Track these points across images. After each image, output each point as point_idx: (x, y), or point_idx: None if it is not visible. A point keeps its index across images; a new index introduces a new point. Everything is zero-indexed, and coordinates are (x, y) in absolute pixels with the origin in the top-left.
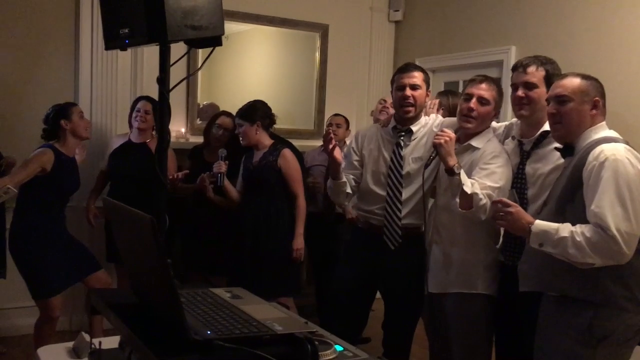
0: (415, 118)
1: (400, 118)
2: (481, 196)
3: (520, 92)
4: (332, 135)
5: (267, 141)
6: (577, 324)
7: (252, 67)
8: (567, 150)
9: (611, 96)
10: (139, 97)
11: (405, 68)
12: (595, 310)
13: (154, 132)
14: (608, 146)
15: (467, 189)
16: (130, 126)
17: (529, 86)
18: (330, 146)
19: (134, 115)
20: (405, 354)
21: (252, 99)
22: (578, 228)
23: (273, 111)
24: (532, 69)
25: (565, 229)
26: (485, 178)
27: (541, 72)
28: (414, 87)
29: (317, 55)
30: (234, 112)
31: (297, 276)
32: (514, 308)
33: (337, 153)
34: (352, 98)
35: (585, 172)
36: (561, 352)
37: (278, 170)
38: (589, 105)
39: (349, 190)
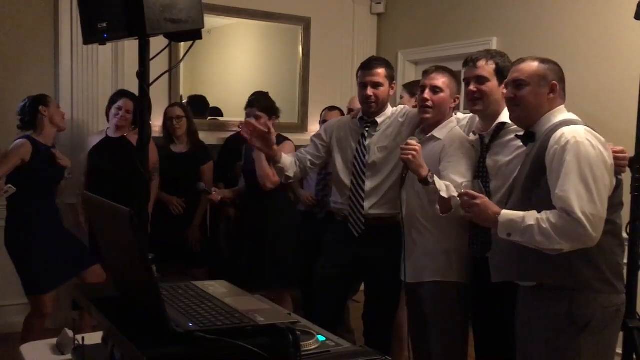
0: (380, 111)
1: (365, 111)
2: (457, 196)
3: (472, 87)
4: (242, 132)
5: None
6: (556, 314)
7: (235, 61)
8: (528, 137)
9: (591, 88)
10: (120, 93)
11: (367, 65)
12: (572, 297)
13: (132, 125)
14: (568, 129)
15: (444, 194)
16: (108, 119)
17: (480, 80)
18: (250, 142)
19: (113, 112)
20: (386, 343)
21: (235, 93)
22: (544, 215)
23: None
24: (481, 63)
25: (531, 216)
26: (454, 175)
27: (491, 66)
28: (375, 85)
29: (300, 48)
30: (219, 106)
31: (297, 269)
32: (489, 299)
33: (257, 144)
34: (335, 91)
35: (547, 156)
36: (545, 344)
37: None
38: (546, 89)
39: (289, 173)
